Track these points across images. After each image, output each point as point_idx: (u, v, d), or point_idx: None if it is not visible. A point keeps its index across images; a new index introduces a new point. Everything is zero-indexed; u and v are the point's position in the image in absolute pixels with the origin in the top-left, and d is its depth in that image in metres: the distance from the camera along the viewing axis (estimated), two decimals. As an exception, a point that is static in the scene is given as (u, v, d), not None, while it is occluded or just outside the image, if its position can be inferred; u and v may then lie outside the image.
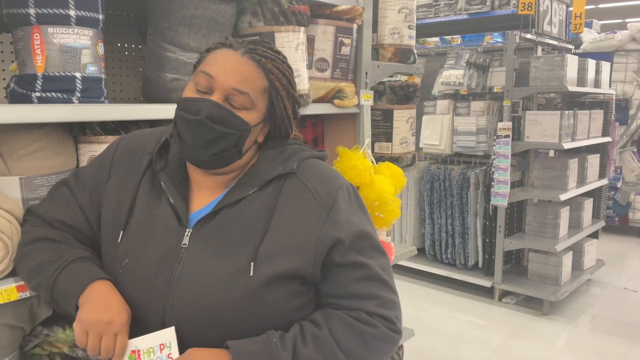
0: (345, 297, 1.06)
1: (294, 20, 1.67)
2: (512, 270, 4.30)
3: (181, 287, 1.01)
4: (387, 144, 2.29)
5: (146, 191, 1.11)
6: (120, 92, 1.85)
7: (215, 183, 1.10)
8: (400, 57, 2.23)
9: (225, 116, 1.02)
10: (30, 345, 1.26)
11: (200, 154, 1.03)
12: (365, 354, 1.03)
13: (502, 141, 3.78)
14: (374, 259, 1.08)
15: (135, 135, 1.21)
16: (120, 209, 1.10)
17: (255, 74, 1.06)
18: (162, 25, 1.50)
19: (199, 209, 1.09)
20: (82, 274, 1.04)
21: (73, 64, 1.23)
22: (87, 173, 1.17)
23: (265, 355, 0.96)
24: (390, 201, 1.92)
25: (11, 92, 1.23)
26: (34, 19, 1.18)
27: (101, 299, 1.00)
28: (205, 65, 1.06)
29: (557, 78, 3.69)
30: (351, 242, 1.05)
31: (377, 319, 1.05)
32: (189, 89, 1.06)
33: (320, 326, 1.02)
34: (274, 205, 1.05)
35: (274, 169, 1.08)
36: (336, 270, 1.05)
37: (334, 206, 1.06)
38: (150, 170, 1.13)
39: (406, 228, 4.63)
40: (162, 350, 0.99)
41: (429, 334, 3.50)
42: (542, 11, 3.96)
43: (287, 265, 1.02)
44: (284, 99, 1.11)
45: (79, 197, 1.14)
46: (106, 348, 0.97)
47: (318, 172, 1.11)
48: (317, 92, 1.86)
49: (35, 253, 1.08)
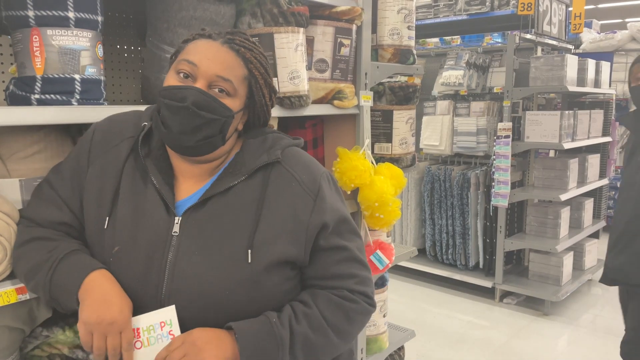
0: (328, 278, 1.14)
1: (293, 21, 1.67)
2: (512, 271, 4.30)
3: (177, 274, 1.03)
4: (387, 145, 2.28)
5: (130, 177, 1.11)
6: (119, 94, 1.86)
7: (199, 171, 1.12)
8: (400, 57, 2.23)
9: (210, 103, 1.04)
10: (30, 346, 1.26)
11: (186, 140, 1.05)
12: (348, 326, 1.13)
13: (502, 141, 3.78)
14: (352, 242, 1.17)
15: (110, 121, 1.19)
16: (104, 196, 1.10)
17: (236, 62, 1.08)
18: (161, 26, 1.50)
19: (185, 197, 1.10)
20: (76, 268, 1.04)
21: (72, 66, 1.23)
22: (66, 166, 1.16)
23: (266, 334, 1.02)
24: (390, 202, 1.92)
25: (10, 94, 1.23)
26: (33, 21, 1.18)
27: (101, 295, 1.00)
28: (187, 54, 1.07)
29: (557, 78, 3.69)
30: (334, 227, 1.13)
31: (357, 295, 1.14)
32: (171, 78, 1.07)
33: (309, 305, 1.10)
34: (263, 194, 1.09)
35: (258, 158, 1.12)
36: (320, 254, 1.12)
37: (319, 194, 1.12)
38: (132, 155, 1.13)
39: (407, 229, 4.63)
40: (162, 327, 1.00)
41: (429, 335, 3.50)
42: (542, 11, 3.96)
43: (282, 251, 1.07)
44: (262, 87, 1.14)
45: (61, 192, 1.13)
46: (113, 347, 0.98)
47: (301, 162, 1.16)
48: (317, 93, 1.86)
49: (29, 254, 1.08)
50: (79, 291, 1.01)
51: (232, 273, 1.03)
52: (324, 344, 1.09)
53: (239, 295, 1.03)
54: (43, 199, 1.15)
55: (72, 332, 1.27)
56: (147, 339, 1.00)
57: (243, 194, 1.09)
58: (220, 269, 1.03)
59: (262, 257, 1.05)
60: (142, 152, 1.11)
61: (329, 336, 1.09)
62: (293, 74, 1.68)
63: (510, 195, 3.80)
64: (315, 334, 1.07)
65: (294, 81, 1.69)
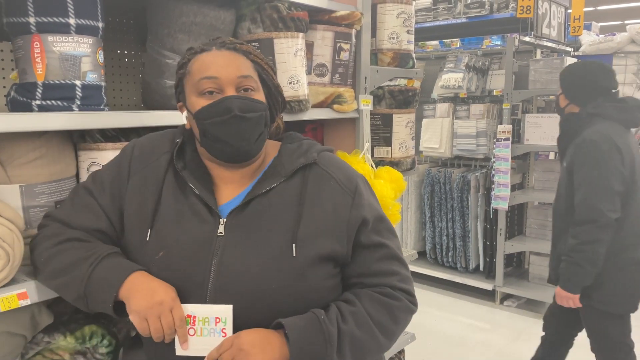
0: (370, 276, 1.15)
1: (292, 26, 1.68)
2: (513, 273, 4.30)
3: (222, 272, 1.05)
4: (387, 149, 2.29)
5: (171, 188, 1.15)
6: (120, 99, 1.86)
7: (240, 176, 1.16)
8: (399, 61, 2.24)
9: (249, 103, 1.09)
10: (32, 352, 1.26)
11: (244, 145, 1.09)
12: (393, 325, 1.14)
13: (502, 144, 3.79)
14: (391, 240, 1.19)
15: (149, 138, 1.24)
16: (145, 209, 1.13)
17: (241, 58, 1.13)
18: (162, 32, 1.51)
19: (227, 200, 1.14)
20: (119, 267, 1.07)
21: (73, 72, 1.23)
22: (105, 176, 1.19)
23: (315, 330, 1.03)
24: (390, 205, 1.93)
25: (11, 101, 1.23)
26: (34, 27, 1.19)
27: (144, 287, 1.03)
28: (200, 73, 1.09)
29: (556, 81, 3.68)
30: (373, 224, 1.15)
31: (399, 292, 1.16)
32: (199, 101, 1.10)
33: (354, 304, 1.11)
34: (303, 193, 1.13)
35: (296, 160, 1.16)
36: (361, 252, 1.15)
37: (357, 191, 1.16)
38: (171, 169, 1.17)
39: (407, 231, 4.63)
40: (217, 323, 1.03)
41: (430, 338, 3.49)
42: (541, 14, 3.97)
43: (325, 247, 1.09)
44: (268, 71, 1.18)
45: (100, 200, 1.16)
46: (168, 325, 1.01)
47: (337, 164, 1.21)
48: (317, 97, 1.87)
49: (65, 252, 1.09)
50: (120, 289, 1.03)
51: (277, 266, 1.06)
52: (370, 343, 1.10)
53: (284, 288, 1.05)
54: (80, 204, 1.16)
55: (73, 338, 1.27)
56: (201, 329, 1.03)
57: (284, 194, 1.12)
58: (266, 264, 1.06)
59: (306, 252, 1.07)
60: (178, 166, 1.15)
61: (375, 335, 1.10)
62: (293, 79, 1.69)
63: (510, 197, 3.81)
64: (362, 332, 1.08)
65: (294, 86, 1.69)
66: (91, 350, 1.32)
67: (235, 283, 1.05)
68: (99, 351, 1.32)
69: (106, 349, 1.33)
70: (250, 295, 1.04)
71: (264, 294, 1.04)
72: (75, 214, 1.15)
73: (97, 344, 1.31)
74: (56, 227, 1.14)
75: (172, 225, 1.10)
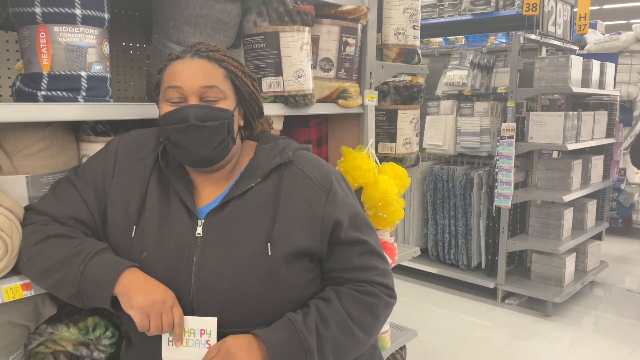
0: (350, 270, 1.19)
1: (298, 20, 1.67)
2: (515, 272, 4.29)
3: (204, 273, 1.09)
4: (391, 144, 2.28)
5: (156, 187, 1.18)
6: (125, 91, 1.86)
7: (216, 179, 1.20)
8: (405, 57, 2.23)
9: (208, 112, 1.11)
10: (35, 343, 1.26)
11: (203, 152, 1.12)
12: (373, 322, 1.17)
13: (505, 142, 3.77)
14: (370, 236, 1.23)
15: (135, 134, 1.27)
16: (131, 205, 1.16)
17: (211, 67, 1.14)
18: (167, 24, 1.50)
19: (206, 203, 1.18)
20: (111, 264, 1.09)
21: (79, 63, 1.23)
22: (88, 170, 1.21)
23: (294, 342, 1.07)
24: (393, 201, 1.92)
25: (17, 91, 1.23)
26: (40, 17, 1.18)
27: (143, 284, 1.06)
28: (168, 81, 1.13)
29: (561, 79, 3.68)
30: (350, 222, 1.19)
31: (378, 287, 1.19)
32: (165, 107, 1.14)
33: (333, 303, 1.14)
34: (278, 192, 1.16)
35: (272, 160, 1.19)
36: (340, 247, 1.18)
37: (331, 189, 1.19)
38: (157, 167, 1.20)
39: (409, 228, 4.63)
40: (201, 335, 1.07)
41: (431, 335, 3.49)
42: (547, 12, 3.95)
43: (299, 243, 1.13)
44: (243, 78, 1.19)
45: (83, 193, 1.18)
46: (168, 322, 1.05)
47: (311, 161, 1.24)
48: (321, 92, 1.86)
49: (51, 249, 1.10)
50: (115, 286, 1.05)
51: (253, 266, 1.10)
52: (352, 343, 1.14)
53: (262, 286, 1.09)
54: (63, 195, 1.18)
55: (77, 329, 1.27)
56: (187, 340, 1.07)
57: (260, 194, 1.16)
58: (241, 264, 1.10)
59: (281, 249, 1.11)
60: (163, 164, 1.18)
61: (356, 334, 1.14)
62: (298, 73, 1.68)
63: (513, 195, 3.79)
64: (342, 335, 1.12)
65: (299, 80, 1.69)
66: (94, 342, 1.32)
67: (215, 283, 1.09)
68: (102, 342, 1.33)
69: (109, 341, 1.33)
70: (230, 293, 1.09)
71: (243, 293, 1.09)
72: (60, 205, 1.16)
73: (100, 336, 1.31)
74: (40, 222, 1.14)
75: (155, 225, 1.14)
